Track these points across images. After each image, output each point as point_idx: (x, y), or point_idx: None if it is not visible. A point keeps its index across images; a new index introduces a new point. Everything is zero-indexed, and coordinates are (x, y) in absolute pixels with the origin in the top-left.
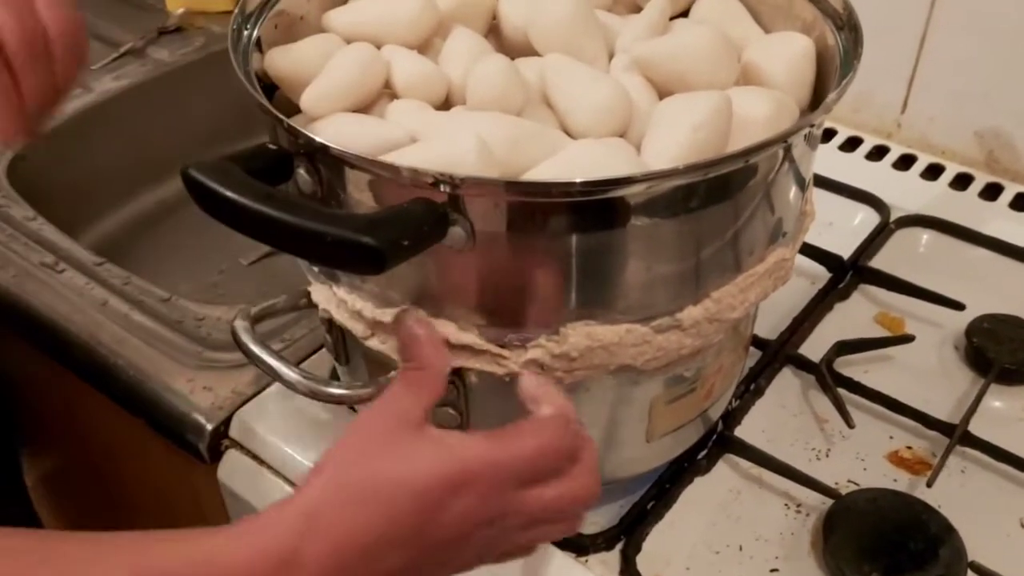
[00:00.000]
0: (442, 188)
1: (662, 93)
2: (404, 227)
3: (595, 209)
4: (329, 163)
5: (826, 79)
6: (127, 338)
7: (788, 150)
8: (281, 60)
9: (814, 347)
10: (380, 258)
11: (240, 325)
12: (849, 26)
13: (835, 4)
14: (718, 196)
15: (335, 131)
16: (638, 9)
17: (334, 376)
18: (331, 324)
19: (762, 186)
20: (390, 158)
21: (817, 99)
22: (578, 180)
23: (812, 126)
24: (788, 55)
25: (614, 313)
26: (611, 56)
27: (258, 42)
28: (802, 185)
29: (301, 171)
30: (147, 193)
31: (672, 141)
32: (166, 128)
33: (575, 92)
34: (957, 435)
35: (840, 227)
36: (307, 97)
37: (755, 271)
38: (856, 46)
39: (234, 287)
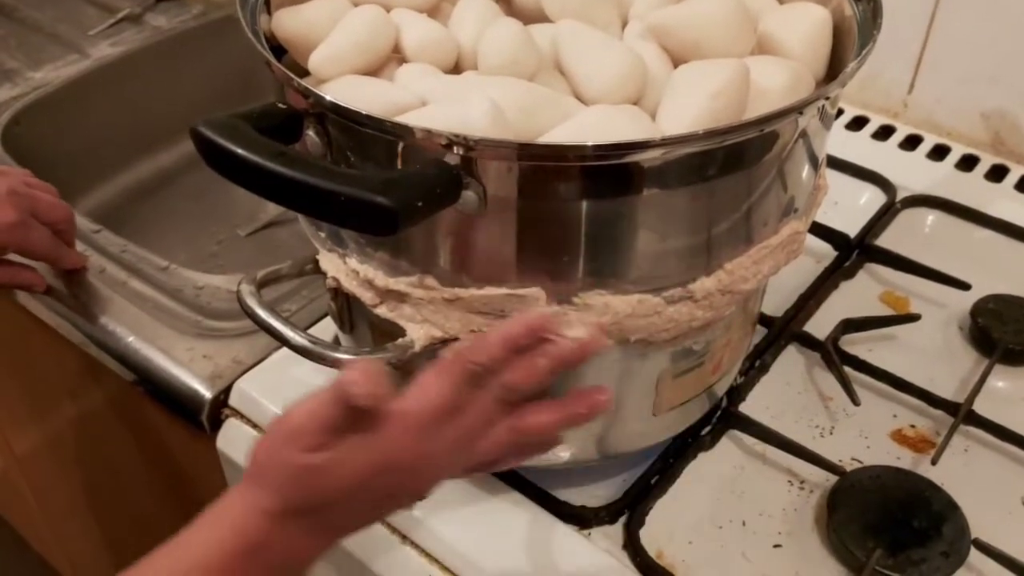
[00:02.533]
0: (456, 150)
1: (677, 61)
2: (418, 188)
3: (610, 175)
4: (339, 124)
5: (843, 51)
6: (125, 306)
7: (804, 121)
8: (289, 21)
9: (820, 325)
10: (394, 218)
11: (246, 289)
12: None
13: None
14: (733, 166)
15: (344, 93)
16: None
17: None
18: (336, 292)
19: (778, 157)
20: (402, 120)
21: (833, 71)
22: (593, 143)
23: (829, 97)
24: (805, 26)
25: (626, 283)
26: (624, 23)
27: (266, 2)
28: (816, 158)
29: (310, 132)
30: (144, 161)
31: (689, 108)
32: (163, 95)
33: (588, 59)
34: (961, 414)
35: (846, 206)
36: (315, 59)
37: (768, 243)
38: (875, 17)
39: (232, 258)
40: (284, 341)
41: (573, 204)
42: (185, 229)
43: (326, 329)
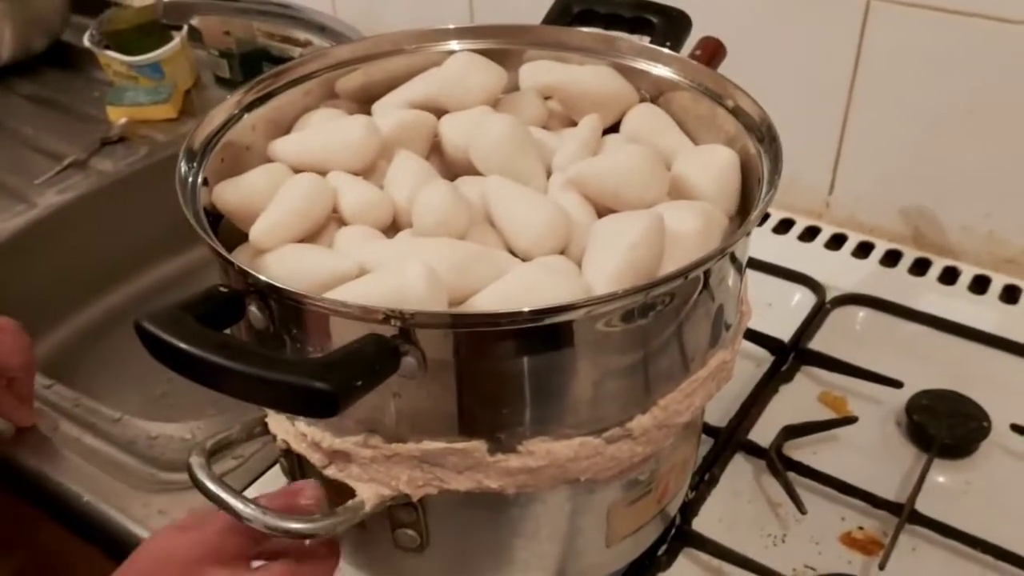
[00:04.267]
0: (392, 322)
1: (598, 208)
2: (357, 368)
3: (542, 333)
4: (280, 301)
5: (751, 184)
6: (80, 463)
7: (718, 266)
8: (230, 194)
9: (763, 431)
10: (333, 402)
11: (195, 462)
12: (768, 138)
13: (755, 117)
14: (657, 311)
15: (285, 265)
16: (572, 122)
17: None
18: (287, 452)
19: (699, 298)
20: (340, 293)
21: (744, 203)
22: (524, 309)
23: (748, 234)
24: (714, 167)
25: (566, 428)
26: (548, 172)
27: (205, 179)
28: (737, 290)
29: (253, 308)
30: (94, 304)
31: (610, 260)
32: (112, 238)
33: (516, 214)
34: (904, 515)
35: (779, 308)
36: (256, 231)
37: (698, 376)
38: (776, 162)
39: (183, 396)
40: (235, 514)
41: (509, 361)
42: (136, 368)
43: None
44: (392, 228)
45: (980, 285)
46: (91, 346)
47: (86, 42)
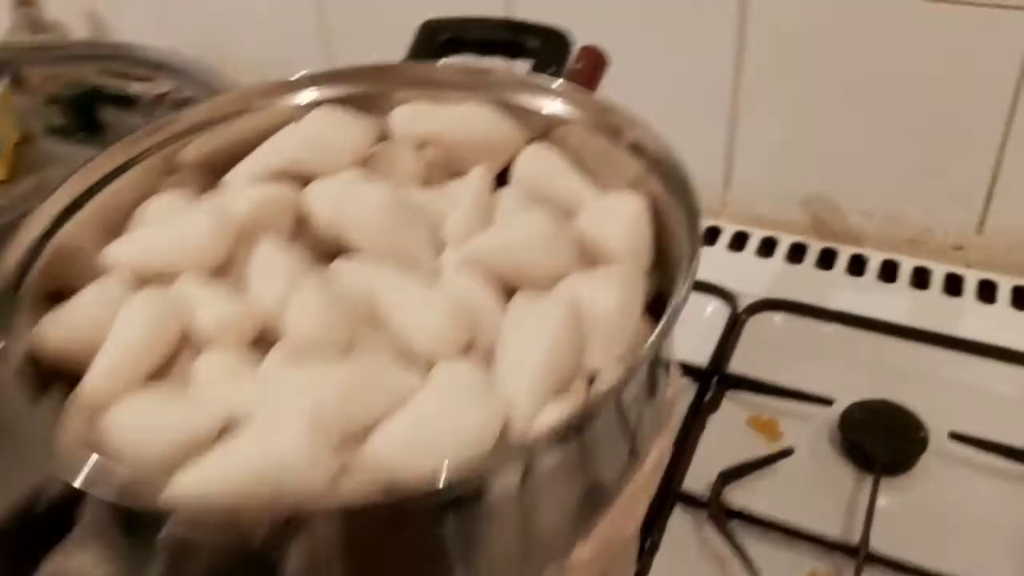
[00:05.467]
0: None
1: (504, 284)
2: None
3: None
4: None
5: (663, 231)
6: None
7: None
8: (56, 333)
9: (698, 472)
10: None
11: None
12: (679, 181)
13: (659, 156)
14: (590, 429)
15: (129, 427)
16: (453, 172)
17: None
18: None
19: (633, 398)
20: (197, 473)
21: (658, 250)
22: (441, 483)
23: (669, 332)
24: (623, 221)
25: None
26: (438, 246)
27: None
28: (666, 376)
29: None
30: None
31: (527, 370)
32: None
33: (411, 313)
34: (861, 558)
35: (693, 325)
36: (88, 383)
37: (641, 474)
38: (693, 217)
39: None
40: None
41: (419, 532)
42: None
43: None
44: (262, 339)
45: (889, 272)
46: None
47: None
